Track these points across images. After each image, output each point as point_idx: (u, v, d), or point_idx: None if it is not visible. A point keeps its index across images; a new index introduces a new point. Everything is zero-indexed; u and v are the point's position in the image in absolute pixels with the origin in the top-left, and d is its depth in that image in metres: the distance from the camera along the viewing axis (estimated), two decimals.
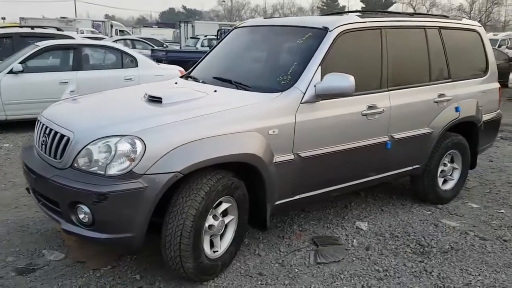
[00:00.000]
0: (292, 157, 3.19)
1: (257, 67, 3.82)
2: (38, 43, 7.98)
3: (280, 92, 3.26)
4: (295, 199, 3.36)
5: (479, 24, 4.86)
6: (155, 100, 3.17)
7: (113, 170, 2.57)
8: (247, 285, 2.94)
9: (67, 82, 7.42)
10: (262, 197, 3.15)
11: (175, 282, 2.94)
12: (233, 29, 4.52)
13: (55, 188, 2.69)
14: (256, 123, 3.01)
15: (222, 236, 3.09)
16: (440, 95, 4.17)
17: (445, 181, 4.58)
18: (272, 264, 3.21)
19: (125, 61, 8.37)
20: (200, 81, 3.84)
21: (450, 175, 4.59)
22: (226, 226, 3.10)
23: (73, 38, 9.81)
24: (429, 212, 4.29)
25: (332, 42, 3.45)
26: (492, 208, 4.45)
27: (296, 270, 3.15)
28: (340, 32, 3.51)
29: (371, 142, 3.66)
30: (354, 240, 3.62)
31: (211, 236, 2.98)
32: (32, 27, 10.90)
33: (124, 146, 2.58)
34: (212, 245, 3.03)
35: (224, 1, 75.24)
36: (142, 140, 2.60)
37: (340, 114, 3.46)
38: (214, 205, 2.88)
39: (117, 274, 3.04)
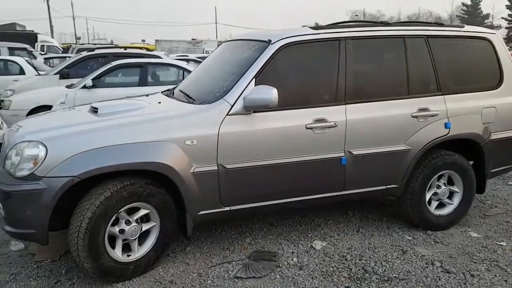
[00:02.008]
0: (215, 168, 3.23)
1: (210, 80, 3.91)
2: (112, 62, 8.97)
3: (209, 104, 3.32)
4: (225, 210, 3.37)
5: (492, 31, 4.29)
6: (94, 110, 3.47)
7: (20, 172, 2.91)
8: None
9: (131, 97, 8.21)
10: (181, 205, 3.23)
11: (91, 280, 3.15)
12: (219, 45, 4.67)
13: None
14: (172, 134, 3.12)
15: (142, 241, 3.24)
16: (422, 109, 3.79)
17: (441, 205, 4.11)
18: (191, 274, 3.26)
19: (186, 77, 8.95)
20: (171, 94, 4.05)
21: (449, 198, 4.10)
22: (149, 231, 3.24)
23: (160, 58, 10.77)
24: (409, 238, 3.90)
25: (272, 55, 3.41)
26: (492, 239, 3.88)
27: (209, 281, 3.15)
28: (284, 45, 3.45)
29: (319, 157, 3.50)
30: (295, 259, 3.48)
31: (125, 240, 3.14)
32: (125, 48, 12.21)
33: (29, 151, 2.91)
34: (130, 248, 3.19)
35: (357, 15, 74.89)
36: (45, 146, 2.90)
37: (278, 127, 3.38)
38: (122, 210, 3.04)
39: (50, 267, 3.36)
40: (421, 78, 3.89)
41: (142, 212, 3.17)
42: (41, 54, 21.13)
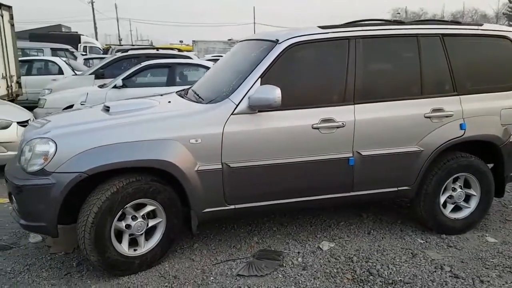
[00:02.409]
0: (219, 166, 3.27)
1: (220, 80, 3.95)
2: (142, 63, 9.20)
3: (214, 103, 3.38)
4: (230, 208, 3.40)
5: None
6: (106, 109, 3.59)
7: (32, 167, 3.05)
8: (151, 284, 3.11)
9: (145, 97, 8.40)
10: (187, 202, 3.29)
11: (99, 273, 3.26)
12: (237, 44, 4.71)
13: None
14: (177, 132, 3.19)
15: (149, 236, 3.32)
16: (436, 110, 3.70)
17: (458, 208, 3.99)
18: (195, 270, 3.31)
19: None
20: (184, 94, 4.12)
21: (465, 202, 3.98)
22: (155, 227, 3.32)
23: (190, 58, 10.97)
24: (422, 241, 3.82)
25: (279, 55, 3.42)
26: (509, 245, 3.74)
27: (212, 278, 3.20)
28: (291, 45, 3.46)
29: (326, 157, 3.48)
30: (299, 259, 3.47)
31: (131, 235, 3.23)
32: (157, 49, 12.47)
33: (40, 147, 3.04)
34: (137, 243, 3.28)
35: (399, 13, 73.43)
36: (55, 142, 3.02)
37: (284, 127, 3.39)
38: (128, 205, 3.13)
39: (63, 259, 3.50)
40: (435, 77, 3.79)
41: (149, 208, 3.25)
42: (82, 55, 21.89)
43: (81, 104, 6.98)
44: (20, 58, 14.99)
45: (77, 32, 35.59)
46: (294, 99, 3.50)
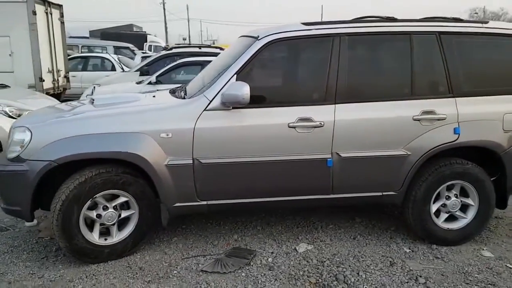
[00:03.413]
0: (190, 162, 3.29)
1: (206, 76, 3.95)
2: (178, 61, 9.41)
3: (189, 99, 3.40)
4: (202, 204, 3.41)
5: None
6: (92, 102, 3.72)
7: (11, 154, 3.23)
8: (115, 273, 3.19)
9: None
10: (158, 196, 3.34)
11: (73, 259, 3.38)
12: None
13: None
14: (148, 126, 3.24)
15: (123, 227, 3.41)
16: (426, 112, 3.50)
17: (453, 218, 3.75)
18: (163, 263, 3.35)
19: None
20: (175, 90, 4.15)
21: (461, 212, 3.73)
22: (129, 218, 3.40)
23: None
24: (408, 250, 3.62)
25: (257, 51, 3.38)
26: (504, 261, 3.46)
27: (175, 272, 3.22)
28: (271, 41, 3.40)
29: (302, 158, 3.39)
30: (270, 259, 3.41)
31: (103, 225, 3.32)
32: (200, 47, 12.70)
33: (17, 135, 3.21)
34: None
35: (477, 13, 70.02)
36: (31, 131, 3.18)
37: (258, 125, 3.35)
38: (98, 196, 3.22)
39: (46, 244, 3.68)
40: (428, 78, 3.58)
41: (121, 199, 3.32)
42: (142, 53, 22.81)
43: (86, 97, 7.25)
44: (78, 55, 15.93)
45: (145, 32, 37.17)
46: (271, 97, 3.45)
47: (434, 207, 3.66)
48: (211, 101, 3.30)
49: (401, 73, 3.56)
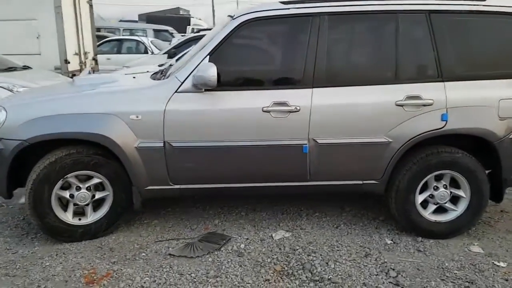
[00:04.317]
0: (161, 144, 3.26)
1: (186, 57, 3.87)
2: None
3: (161, 81, 3.36)
4: (175, 188, 3.39)
5: None
6: (72, 83, 3.75)
7: None
8: (85, 252, 3.23)
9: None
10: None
11: (49, 238, 3.45)
12: None
13: None
14: (117, 107, 3.23)
15: (98, 208, 3.44)
16: (411, 97, 3.30)
17: (443, 210, 3.54)
18: (134, 245, 3.36)
19: None
20: (158, 71, 4.08)
21: (452, 204, 3.51)
22: (104, 200, 3.43)
23: None
24: (389, 242, 3.47)
25: (231, 31, 3.29)
26: (493, 258, 3.24)
27: (143, 254, 3.23)
28: (246, 21, 3.29)
29: (276, 143, 3.29)
30: (242, 245, 3.36)
31: (76, 205, 3.36)
32: None
33: None
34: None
35: None
36: (6, 111, 3.24)
37: (230, 108, 3.27)
38: (69, 176, 3.25)
39: (31, 221, 3.77)
40: (415, 61, 3.38)
41: (95, 180, 3.35)
42: (182, 36, 23.06)
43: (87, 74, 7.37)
44: (114, 37, 16.25)
45: (189, 15, 37.51)
46: (246, 80, 3.36)
47: (420, 198, 3.47)
48: (182, 83, 3.24)
49: (385, 56, 3.36)
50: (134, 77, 3.78)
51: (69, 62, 9.67)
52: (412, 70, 3.35)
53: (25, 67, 7.71)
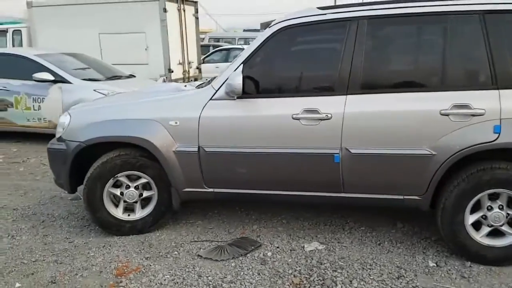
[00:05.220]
0: (195, 149, 3.42)
1: None
2: None
3: (200, 89, 3.53)
4: (209, 191, 3.52)
5: None
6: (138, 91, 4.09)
7: (57, 134, 3.78)
8: (126, 246, 3.49)
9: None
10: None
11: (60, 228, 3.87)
12: None
13: None
14: (159, 114, 3.47)
15: (145, 206, 3.71)
16: (458, 106, 3.01)
17: (499, 233, 3.16)
18: (171, 243, 3.54)
19: None
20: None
21: (511, 226, 3.12)
22: (150, 198, 3.70)
23: None
24: (433, 265, 3.17)
25: (266, 39, 3.33)
26: None
27: (175, 253, 3.38)
28: (281, 28, 3.31)
29: (307, 151, 3.24)
30: (269, 253, 3.34)
31: (125, 202, 3.67)
32: None
33: (61, 118, 3.74)
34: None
35: None
36: (70, 116, 3.68)
37: (261, 115, 3.31)
38: (118, 175, 3.56)
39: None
40: (465, 66, 3.07)
41: (142, 180, 3.62)
42: None
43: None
44: (223, 47, 17.09)
45: None
46: (279, 87, 3.37)
47: (471, 218, 3.11)
48: (216, 91, 3.36)
49: (430, 61, 3.12)
50: (185, 86, 3.99)
51: (172, 71, 10.43)
52: (461, 77, 3.05)
53: (130, 76, 8.49)
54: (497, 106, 2.92)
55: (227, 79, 3.30)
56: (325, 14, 3.23)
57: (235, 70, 3.28)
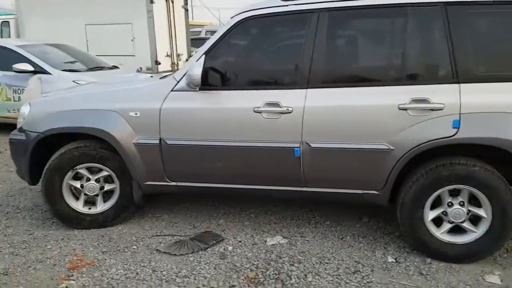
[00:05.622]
0: (157, 142, 3.36)
1: None
2: None
3: (162, 80, 3.47)
4: (171, 185, 3.47)
5: None
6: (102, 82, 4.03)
7: (18, 125, 3.72)
8: (85, 240, 3.44)
9: None
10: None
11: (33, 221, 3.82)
12: None
13: None
14: (119, 105, 3.41)
15: (107, 199, 3.66)
16: (417, 100, 2.95)
17: (461, 230, 3.12)
18: (132, 237, 3.47)
19: None
20: None
21: (472, 224, 3.08)
22: (113, 192, 3.65)
23: None
24: (392, 260, 3.14)
25: (227, 30, 3.27)
26: None
27: (134, 247, 3.32)
28: (243, 19, 3.25)
29: (267, 145, 3.19)
30: (230, 248, 3.30)
31: (86, 195, 3.62)
32: None
33: (22, 109, 3.69)
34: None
35: None
36: (30, 106, 3.62)
37: (223, 108, 3.26)
38: (78, 167, 3.50)
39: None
40: (426, 60, 3.01)
41: (104, 173, 3.57)
42: None
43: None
44: None
45: None
46: (241, 79, 3.31)
47: (430, 214, 3.07)
48: (178, 82, 3.30)
49: (390, 54, 3.07)
50: (151, 76, 3.93)
51: (159, 63, 10.34)
52: (421, 70, 3.00)
53: (114, 67, 8.41)
54: (457, 100, 2.87)
55: (188, 70, 3.24)
56: (287, 5, 3.17)
57: (197, 61, 3.21)
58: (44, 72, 7.12)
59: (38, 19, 10.75)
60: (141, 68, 8.16)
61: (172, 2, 11.08)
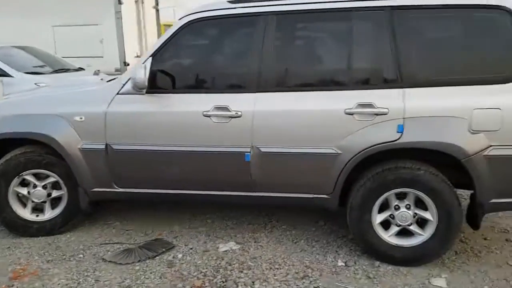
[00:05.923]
0: (103, 146, 3.28)
1: None
2: None
3: (108, 83, 3.39)
4: (119, 191, 3.38)
5: None
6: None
7: None
8: (31, 248, 3.34)
9: None
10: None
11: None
12: None
13: None
14: (63, 108, 3.32)
15: (55, 206, 3.56)
16: (362, 105, 2.95)
17: (409, 234, 3.12)
18: (79, 245, 3.38)
19: None
20: None
21: (419, 227, 3.08)
22: (61, 198, 3.54)
23: None
24: (341, 264, 3.13)
25: (175, 32, 3.21)
26: None
27: (80, 256, 3.23)
28: (190, 21, 3.19)
29: (218, 150, 3.14)
30: (179, 255, 3.24)
31: (34, 202, 3.51)
32: None
33: None
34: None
35: None
36: None
37: (171, 111, 3.19)
38: (24, 174, 3.40)
39: None
40: (371, 64, 3.01)
41: (51, 179, 3.46)
42: None
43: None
44: None
45: None
46: (189, 82, 3.26)
47: (378, 218, 3.07)
48: (124, 85, 3.23)
49: (336, 59, 3.07)
50: (101, 79, 3.85)
51: (128, 64, 10.19)
52: (367, 75, 2.99)
53: (79, 69, 8.27)
54: (400, 105, 2.88)
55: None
56: (235, 8, 3.13)
57: (142, 63, 3.14)
58: (5, 75, 6.95)
59: (5, 20, 10.48)
60: (98, 70, 8.01)
61: (143, 2, 10.95)
